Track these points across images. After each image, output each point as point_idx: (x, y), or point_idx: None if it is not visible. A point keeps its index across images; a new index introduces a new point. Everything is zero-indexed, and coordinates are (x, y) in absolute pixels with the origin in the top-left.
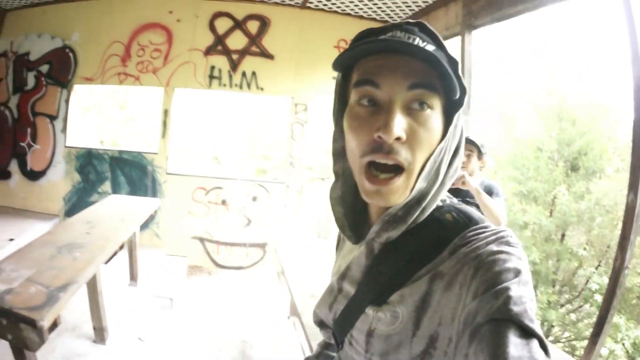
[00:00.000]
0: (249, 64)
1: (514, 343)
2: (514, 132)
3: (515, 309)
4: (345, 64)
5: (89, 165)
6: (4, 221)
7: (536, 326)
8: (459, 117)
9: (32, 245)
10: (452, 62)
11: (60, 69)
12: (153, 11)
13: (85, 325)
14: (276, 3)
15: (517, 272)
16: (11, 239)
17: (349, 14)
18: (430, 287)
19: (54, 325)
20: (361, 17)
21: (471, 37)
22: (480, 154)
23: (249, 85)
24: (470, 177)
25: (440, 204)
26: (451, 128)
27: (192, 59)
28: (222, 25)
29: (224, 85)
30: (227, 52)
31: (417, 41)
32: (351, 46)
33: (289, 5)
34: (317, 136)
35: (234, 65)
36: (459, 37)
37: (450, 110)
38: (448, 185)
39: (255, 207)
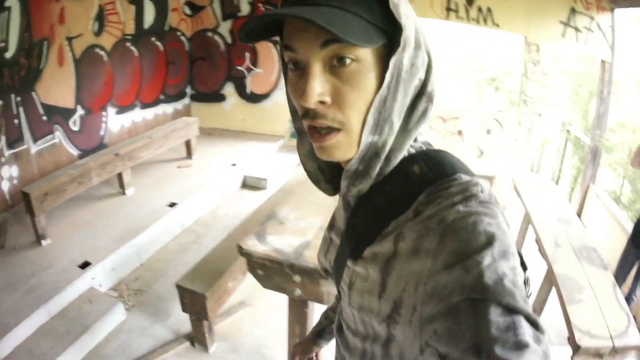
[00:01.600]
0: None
1: (496, 325)
2: None
3: (491, 284)
4: (256, 33)
5: None
6: (223, 143)
7: (519, 301)
8: (400, 58)
9: (302, 185)
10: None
11: None
12: None
13: None
14: None
15: (490, 237)
16: (233, 164)
17: None
18: (395, 249)
19: None
20: None
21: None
22: None
23: (485, 20)
24: None
25: (413, 151)
26: (388, 74)
27: None
28: None
29: (461, 18)
30: None
31: None
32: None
33: None
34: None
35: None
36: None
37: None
38: (415, 132)
39: (488, 139)
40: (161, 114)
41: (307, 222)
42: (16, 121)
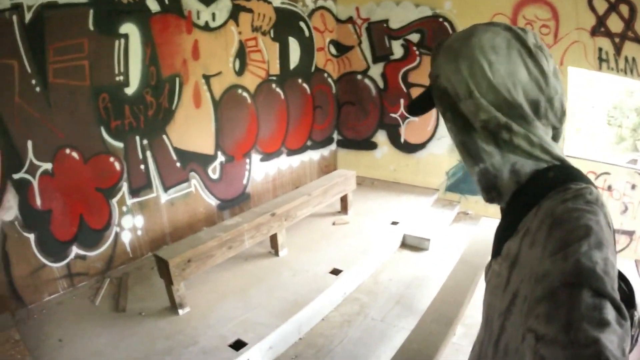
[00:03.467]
0: (630, 49)
1: (586, 304)
2: None
3: (585, 270)
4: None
5: None
6: (377, 196)
7: (608, 287)
8: (447, 118)
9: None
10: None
11: (436, 39)
12: None
13: None
14: None
15: (588, 230)
16: (394, 222)
17: None
18: (521, 244)
19: None
20: None
21: None
22: None
23: (631, 71)
24: None
25: (550, 164)
26: (447, 123)
27: (581, 39)
28: (600, 5)
29: (612, 69)
30: (609, 34)
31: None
32: None
33: None
34: None
35: (617, 49)
36: None
37: None
38: (515, 149)
39: (634, 194)
40: (307, 161)
41: None
42: (142, 166)
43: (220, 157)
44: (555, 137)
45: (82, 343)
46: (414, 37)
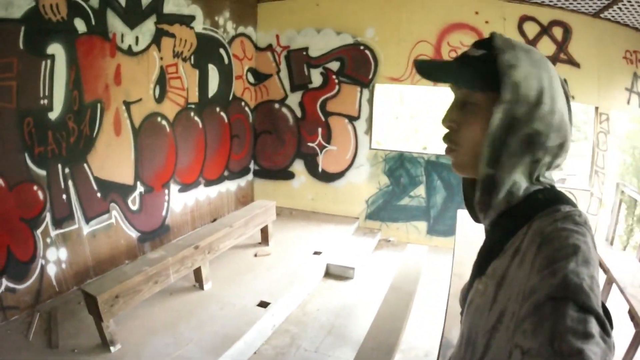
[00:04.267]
0: (560, 71)
1: (571, 317)
2: None
3: (572, 286)
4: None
5: (400, 169)
6: (297, 226)
7: (593, 302)
8: (501, 109)
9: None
10: (488, 65)
11: (356, 67)
12: (458, 11)
13: None
14: (573, 10)
15: (576, 249)
16: (316, 252)
17: (637, 28)
18: (510, 263)
19: None
20: None
21: None
22: None
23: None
24: None
25: (541, 186)
26: (494, 118)
27: None
28: (530, 29)
29: None
30: None
31: (470, 51)
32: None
33: (584, 13)
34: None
35: None
36: None
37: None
38: (517, 169)
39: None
40: (225, 192)
41: None
42: (64, 196)
43: (140, 188)
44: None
45: None
46: (334, 65)
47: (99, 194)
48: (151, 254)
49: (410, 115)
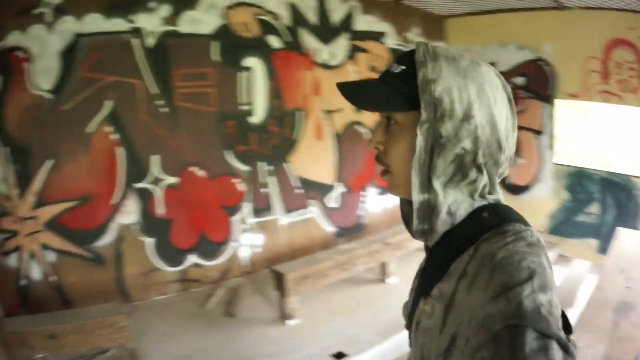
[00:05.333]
0: None
1: (530, 347)
2: None
3: (529, 312)
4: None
5: (577, 185)
6: None
7: (553, 327)
8: (423, 129)
9: (588, 306)
10: (407, 81)
11: (538, 82)
12: (617, 27)
13: None
14: None
15: (531, 272)
16: None
17: None
18: (457, 286)
19: None
20: None
21: None
22: None
23: None
24: None
25: (485, 203)
26: (418, 139)
27: None
28: None
29: None
30: None
31: (392, 67)
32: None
33: None
34: None
35: None
36: None
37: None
38: (470, 193)
39: None
40: None
41: None
42: (263, 190)
43: (340, 188)
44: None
45: (187, 340)
46: (519, 80)
47: (299, 190)
48: (343, 245)
49: (594, 131)
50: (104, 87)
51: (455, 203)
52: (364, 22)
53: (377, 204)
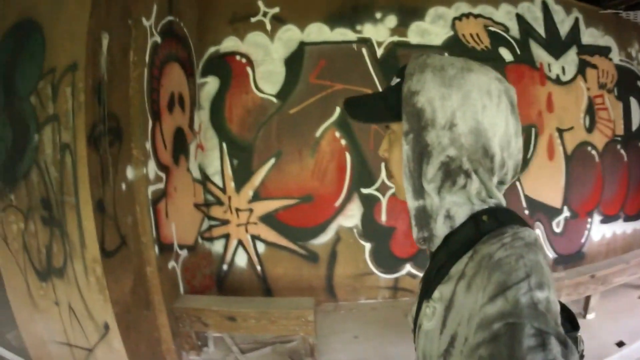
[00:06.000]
0: None
1: (528, 344)
2: None
3: (526, 309)
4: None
5: None
6: None
7: (551, 323)
8: (408, 139)
9: None
10: (393, 96)
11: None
12: None
13: None
14: None
15: (528, 271)
16: None
17: None
18: (456, 287)
19: None
20: None
21: None
22: None
23: None
24: None
25: (486, 207)
26: (404, 148)
27: None
28: None
29: None
30: None
31: (392, 81)
32: None
33: None
34: None
35: None
36: None
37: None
38: (449, 195)
39: None
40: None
41: None
42: None
43: (566, 212)
44: (502, 187)
45: (376, 346)
46: None
47: (526, 211)
48: (554, 274)
49: None
50: (333, 94)
51: (453, 206)
52: (589, 36)
53: (599, 232)
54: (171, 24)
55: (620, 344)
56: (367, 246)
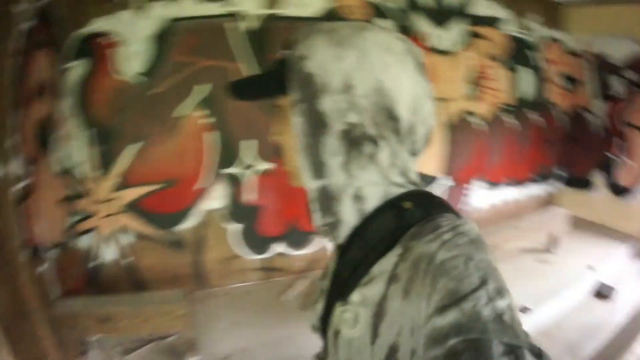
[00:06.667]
0: None
1: None
2: None
3: (491, 323)
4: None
5: None
6: (583, 238)
7: (519, 335)
8: (299, 109)
9: None
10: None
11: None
12: None
13: None
14: None
15: (483, 276)
16: (590, 267)
17: None
18: (387, 291)
19: None
20: None
21: None
22: None
23: None
24: None
25: (404, 189)
26: (296, 121)
27: None
28: None
29: None
30: None
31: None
32: None
33: None
34: None
35: None
36: None
37: None
38: (358, 169)
39: None
40: (528, 196)
41: None
42: None
43: (445, 180)
44: (413, 159)
45: (256, 331)
46: (631, 75)
47: None
48: None
49: None
50: (199, 71)
51: (365, 185)
52: (480, 7)
53: (483, 199)
54: (46, 7)
55: (524, 310)
56: (236, 228)
